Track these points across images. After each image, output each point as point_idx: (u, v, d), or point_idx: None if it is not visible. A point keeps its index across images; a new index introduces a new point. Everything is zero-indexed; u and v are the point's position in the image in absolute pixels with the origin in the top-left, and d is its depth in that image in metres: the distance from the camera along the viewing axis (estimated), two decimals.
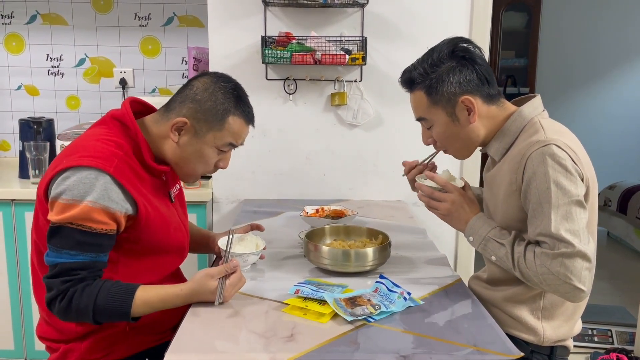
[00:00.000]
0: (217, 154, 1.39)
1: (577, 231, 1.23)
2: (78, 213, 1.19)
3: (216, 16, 2.34)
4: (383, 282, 1.35)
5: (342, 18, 2.35)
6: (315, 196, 2.43)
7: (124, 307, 1.22)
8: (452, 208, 1.42)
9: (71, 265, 1.21)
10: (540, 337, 1.40)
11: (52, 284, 1.22)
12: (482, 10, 2.35)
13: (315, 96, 2.41)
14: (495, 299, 1.45)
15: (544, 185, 1.26)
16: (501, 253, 1.33)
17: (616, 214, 4.66)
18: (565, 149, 1.28)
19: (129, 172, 1.28)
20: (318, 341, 1.13)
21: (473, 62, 1.38)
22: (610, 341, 2.78)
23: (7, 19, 2.80)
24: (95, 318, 1.22)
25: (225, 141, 1.38)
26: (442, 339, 1.16)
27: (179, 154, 1.37)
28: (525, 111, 1.40)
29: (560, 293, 1.26)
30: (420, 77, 1.39)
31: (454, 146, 1.46)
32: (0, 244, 2.36)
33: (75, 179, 1.21)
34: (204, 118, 1.34)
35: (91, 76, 2.86)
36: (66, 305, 1.21)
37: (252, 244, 1.53)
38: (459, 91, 1.37)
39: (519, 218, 1.37)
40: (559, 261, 1.22)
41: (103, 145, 1.27)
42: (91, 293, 1.20)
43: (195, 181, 1.49)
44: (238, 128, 1.38)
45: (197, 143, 1.36)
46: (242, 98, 1.40)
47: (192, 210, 2.37)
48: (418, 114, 1.45)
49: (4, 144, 2.93)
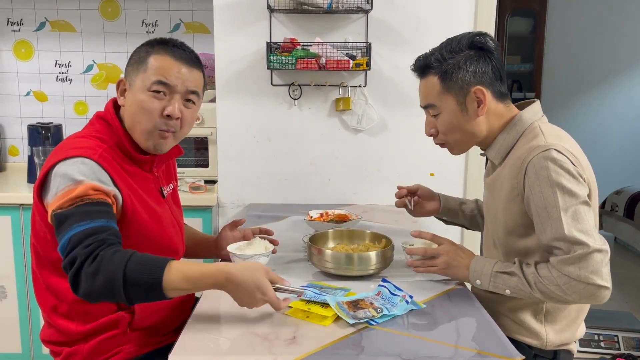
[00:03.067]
0: (155, 98, 1.34)
1: (588, 230, 1.24)
2: (77, 192, 1.19)
3: (222, 23, 2.37)
4: (385, 285, 1.36)
5: (347, 24, 2.37)
6: (320, 201, 2.45)
7: (156, 271, 1.13)
8: (450, 258, 1.43)
9: (86, 231, 1.16)
10: (543, 340, 1.40)
11: (74, 255, 1.14)
12: (487, 16, 2.36)
13: (319, 101, 2.43)
14: (498, 303, 1.45)
15: (548, 190, 1.26)
16: (513, 282, 1.32)
17: (623, 219, 4.64)
18: (565, 153, 1.29)
19: (114, 163, 1.31)
20: (320, 344, 1.14)
21: (490, 55, 1.39)
22: (617, 347, 2.76)
23: (17, 25, 2.84)
24: (125, 283, 1.12)
25: (152, 79, 1.33)
26: (444, 342, 1.17)
27: (127, 116, 1.37)
28: (525, 116, 1.41)
29: (586, 298, 1.25)
30: (437, 62, 1.39)
31: (455, 137, 1.45)
32: (9, 248, 2.38)
33: (65, 167, 1.23)
34: (133, 69, 1.37)
35: (99, 82, 2.89)
36: (95, 268, 1.12)
37: (261, 247, 1.55)
38: (474, 81, 1.38)
39: (521, 223, 1.37)
40: (577, 264, 1.22)
41: (87, 140, 1.31)
42: (123, 257, 1.13)
43: (162, 147, 1.38)
44: (160, 63, 1.35)
45: (132, 93, 1.36)
46: (166, 41, 1.39)
47: (197, 214, 2.39)
48: (428, 100, 1.44)
49: (13, 149, 2.96)
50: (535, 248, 1.38)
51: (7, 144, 2.95)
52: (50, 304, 1.36)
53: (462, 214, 1.76)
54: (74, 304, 1.32)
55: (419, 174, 2.46)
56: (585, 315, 1.48)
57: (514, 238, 1.41)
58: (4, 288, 2.42)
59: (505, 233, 1.43)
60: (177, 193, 1.61)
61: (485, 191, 1.55)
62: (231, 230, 1.68)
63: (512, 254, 1.42)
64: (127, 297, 1.14)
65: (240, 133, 2.45)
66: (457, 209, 1.76)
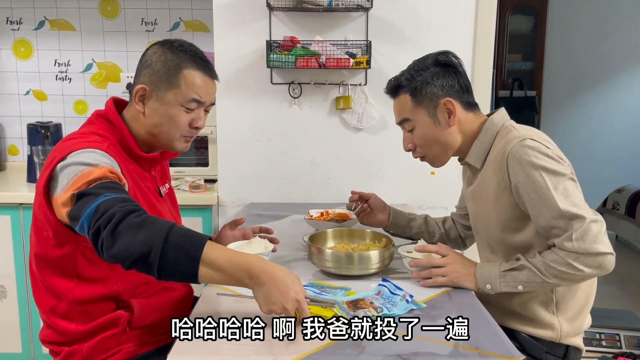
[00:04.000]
0: (186, 112, 1.37)
1: (580, 204, 1.31)
2: (96, 175, 1.15)
3: (222, 21, 2.36)
4: (385, 284, 1.36)
5: (347, 22, 2.36)
6: (320, 200, 2.44)
7: (198, 242, 1.08)
8: (458, 266, 1.43)
9: (117, 198, 1.11)
10: (557, 331, 1.43)
11: (112, 213, 1.07)
12: (487, 14, 2.35)
13: (320, 100, 2.42)
14: (506, 300, 1.46)
15: (534, 173, 1.32)
16: (524, 276, 1.35)
17: (624, 217, 4.63)
18: (539, 140, 1.37)
19: (119, 157, 1.31)
20: (320, 344, 1.13)
21: (455, 71, 1.48)
22: (619, 345, 2.76)
23: (16, 24, 2.84)
24: (165, 245, 1.06)
25: (187, 97, 1.35)
26: (444, 342, 1.16)
27: (149, 124, 1.37)
28: (495, 118, 1.49)
29: (596, 269, 1.29)
30: (407, 81, 1.49)
31: (433, 150, 1.52)
32: (9, 248, 2.38)
33: (75, 158, 1.20)
34: (159, 79, 1.35)
35: (98, 81, 2.89)
36: (140, 222, 1.07)
37: (261, 247, 1.54)
38: (442, 93, 1.47)
39: (514, 216, 1.41)
40: (580, 239, 1.27)
41: (90, 136, 1.31)
42: (167, 222, 1.10)
43: (185, 148, 1.45)
44: (197, 81, 1.36)
45: (162, 106, 1.36)
46: (193, 53, 1.39)
47: (197, 214, 2.39)
48: (402, 115, 1.52)
49: (13, 148, 2.96)
50: (533, 241, 1.41)
51: (6, 143, 2.95)
52: (49, 304, 1.35)
53: (409, 230, 1.80)
54: (73, 304, 1.32)
55: (419, 172, 2.45)
56: (593, 300, 1.50)
57: (510, 234, 1.44)
58: (4, 287, 2.41)
59: (500, 230, 1.46)
60: (173, 192, 1.62)
61: (470, 202, 1.59)
62: (231, 229, 1.67)
63: (512, 252, 1.44)
64: (161, 263, 1.07)
65: (240, 132, 2.44)
66: (404, 225, 1.80)
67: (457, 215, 1.81)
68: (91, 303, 1.33)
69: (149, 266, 1.09)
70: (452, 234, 1.81)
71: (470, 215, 1.62)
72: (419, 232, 1.80)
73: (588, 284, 1.46)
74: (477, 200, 1.53)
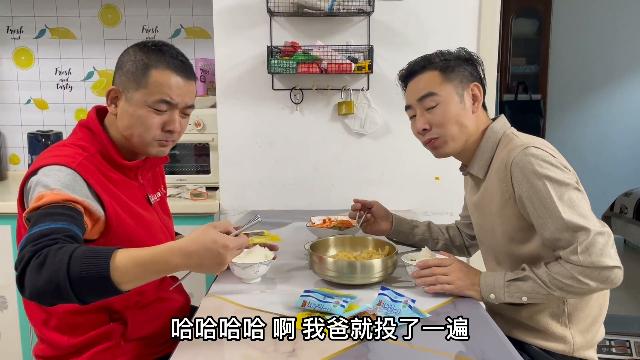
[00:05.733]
0: (156, 114, 1.31)
1: (586, 215, 1.26)
2: (47, 199, 1.14)
3: (222, 27, 2.34)
4: (386, 293, 1.32)
5: (348, 27, 2.33)
6: (323, 206, 2.41)
7: (102, 260, 1.02)
8: (462, 273, 1.39)
9: (43, 231, 1.07)
10: (570, 344, 1.39)
11: (22, 254, 1.04)
12: (491, 17, 2.33)
13: (322, 105, 2.39)
14: (514, 311, 1.43)
15: (538, 183, 1.29)
16: (528, 287, 1.32)
17: (633, 221, 4.58)
18: (543, 148, 1.33)
19: (94, 171, 1.27)
20: (321, 356, 1.10)
21: (478, 65, 1.51)
22: (629, 352, 2.71)
23: (17, 33, 2.83)
24: (69, 276, 1.00)
25: (155, 98, 1.30)
26: (448, 353, 1.13)
27: (121, 127, 1.34)
28: (496, 126, 1.47)
29: (603, 283, 1.24)
30: (438, 59, 1.48)
31: (451, 130, 1.45)
32: (9, 258, 2.36)
33: (39, 177, 1.20)
34: (128, 79, 1.31)
35: (99, 89, 2.87)
36: (39, 263, 1.01)
37: (261, 256, 1.51)
38: (471, 78, 1.48)
39: (520, 227, 1.37)
40: (586, 252, 1.23)
41: (67, 149, 1.28)
42: (67, 249, 1.03)
43: (161, 154, 1.39)
44: (164, 81, 1.30)
45: (130, 107, 1.31)
46: (163, 51, 1.32)
47: (199, 221, 2.36)
48: (428, 89, 1.46)
49: (14, 157, 2.95)
50: (539, 252, 1.37)
51: (7, 152, 2.93)
52: (40, 318, 1.33)
53: (412, 237, 1.77)
54: (64, 317, 1.30)
55: (424, 178, 2.42)
56: (606, 312, 1.46)
57: (517, 245, 1.40)
58: (4, 298, 2.39)
59: (507, 242, 1.42)
60: (165, 201, 1.58)
61: (474, 213, 1.56)
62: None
63: (519, 263, 1.40)
64: (76, 293, 1.02)
65: (242, 139, 2.41)
66: (407, 232, 1.77)
67: (462, 224, 1.78)
68: (82, 314, 1.30)
69: (68, 300, 1.03)
70: (457, 241, 1.77)
71: (474, 226, 1.59)
72: (422, 239, 1.76)
73: (601, 293, 1.41)
74: (481, 211, 1.49)
